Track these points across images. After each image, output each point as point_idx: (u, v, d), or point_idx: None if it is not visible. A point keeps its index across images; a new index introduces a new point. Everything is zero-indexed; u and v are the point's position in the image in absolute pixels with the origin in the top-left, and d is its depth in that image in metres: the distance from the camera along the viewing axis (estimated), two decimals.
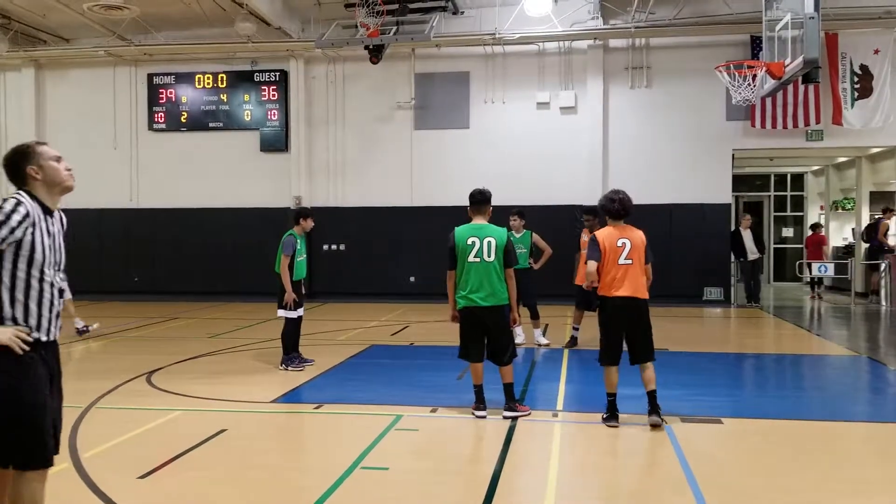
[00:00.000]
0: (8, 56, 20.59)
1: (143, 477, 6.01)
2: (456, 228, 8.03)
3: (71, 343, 12.57)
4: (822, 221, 24.41)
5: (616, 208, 7.64)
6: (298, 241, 10.54)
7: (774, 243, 25.99)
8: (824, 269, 20.80)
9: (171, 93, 21.24)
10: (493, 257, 7.82)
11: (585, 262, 7.66)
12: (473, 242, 7.84)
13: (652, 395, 7.50)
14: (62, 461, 6.25)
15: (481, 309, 7.83)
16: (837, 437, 7.45)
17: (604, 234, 7.62)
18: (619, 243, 7.49)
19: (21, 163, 4.30)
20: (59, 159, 4.40)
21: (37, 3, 18.29)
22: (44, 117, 21.80)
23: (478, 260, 7.82)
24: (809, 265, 21.04)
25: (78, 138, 21.39)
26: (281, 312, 10.53)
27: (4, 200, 4.13)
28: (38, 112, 21.71)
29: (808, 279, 22.18)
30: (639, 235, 7.62)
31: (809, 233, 22.65)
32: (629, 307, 7.48)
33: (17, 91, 21.81)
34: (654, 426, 7.35)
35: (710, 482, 5.86)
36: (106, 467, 6.25)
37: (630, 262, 7.48)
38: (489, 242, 7.83)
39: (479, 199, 8.11)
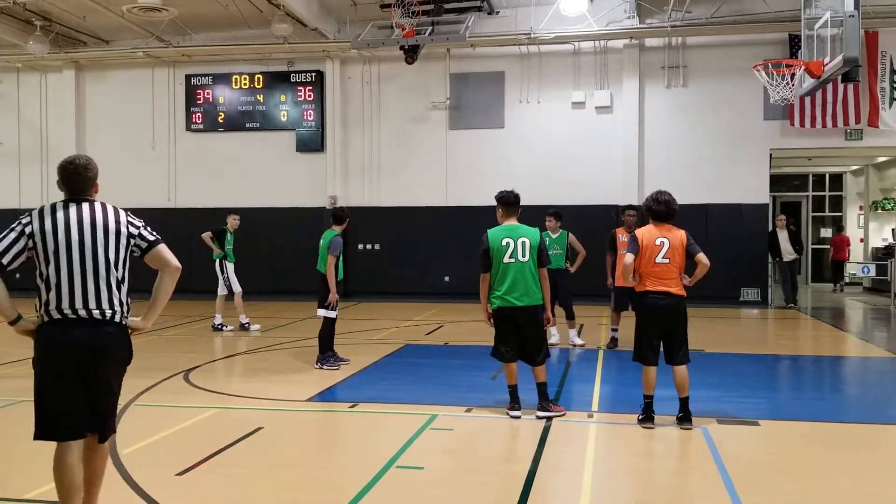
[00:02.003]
0: (49, 57, 20.91)
1: (180, 474, 6.07)
2: (489, 230, 8.03)
3: None
4: (862, 222, 24.20)
5: (661, 210, 7.59)
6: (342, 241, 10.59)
7: (812, 244, 25.67)
8: (866, 271, 20.62)
9: (208, 93, 21.44)
10: (527, 257, 7.81)
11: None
12: (508, 243, 7.84)
13: (684, 402, 7.46)
14: None
15: (516, 309, 7.83)
16: (876, 441, 7.35)
17: (643, 231, 7.58)
18: (658, 242, 7.44)
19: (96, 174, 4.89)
20: None
21: (77, 5, 18.54)
22: (83, 118, 22.11)
23: (513, 261, 7.82)
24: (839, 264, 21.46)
25: (117, 139, 21.72)
26: (321, 312, 10.56)
27: (119, 210, 4.80)
28: (77, 113, 22.02)
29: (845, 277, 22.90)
30: (678, 235, 7.55)
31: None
32: (666, 305, 7.43)
33: (58, 92, 22.14)
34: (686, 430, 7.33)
35: (747, 485, 5.81)
36: (144, 464, 6.32)
37: (667, 261, 7.43)
38: (523, 243, 7.83)
39: (514, 200, 8.10)
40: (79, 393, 4.56)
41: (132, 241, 4.71)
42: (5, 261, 4.49)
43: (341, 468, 6.48)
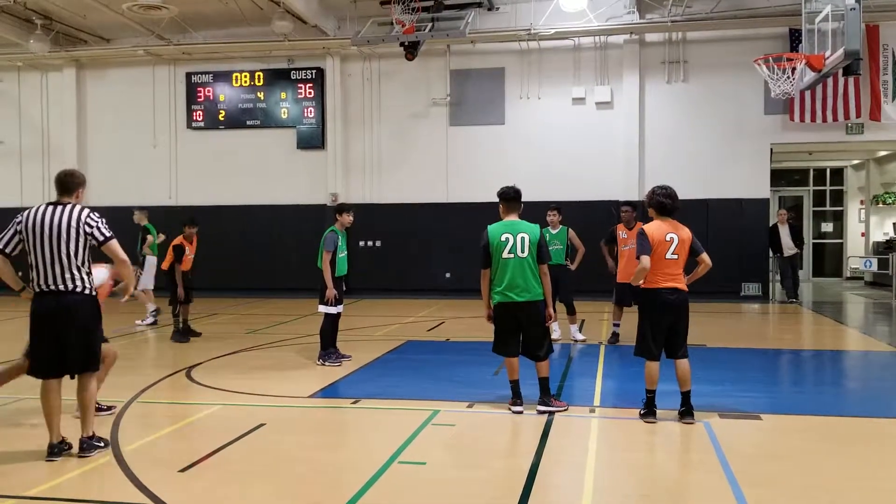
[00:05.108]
0: (50, 56, 20.94)
1: (183, 470, 6.08)
2: (489, 226, 8.01)
3: (113, 339, 12.72)
4: (863, 217, 24.15)
5: (672, 204, 7.58)
6: (339, 237, 10.57)
7: (813, 238, 25.63)
8: (868, 265, 20.63)
9: (209, 91, 21.46)
10: (526, 253, 7.79)
11: (637, 258, 7.57)
12: (507, 239, 7.82)
13: (686, 397, 7.46)
14: (104, 455, 6.39)
15: (517, 304, 7.82)
16: (880, 434, 7.35)
17: (652, 227, 7.53)
18: (668, 238, 7.42)
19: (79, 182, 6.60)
20: None
21: (77, 3, 18.56)
22: (84, 116, 22.13)
23: (512, 256, 7.80)
24: None
25: (118, 137, 21.76)
26: (321, 308, 10.58)
27: (82, 212, 6.33)
28: (79, 111, 22.05)
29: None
30: (686, 232, 7.54)
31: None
32: (675, 301, 7.41)
33: (59, 91, 22.17)
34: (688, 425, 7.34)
35: (749, 478, 5.81)
36: (147, 461, 6.34)
37: (676, 257, 7.41)
38: (523, 238, 7.81)
39: (514, 196, 8.08)
40: (53, 345, 6.28)
41: (88, 236, 6.31)
42: (8, 249, 6.33)
43: (343, 464, 6.49)
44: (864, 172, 24.85)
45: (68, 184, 6.46)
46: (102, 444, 6.51)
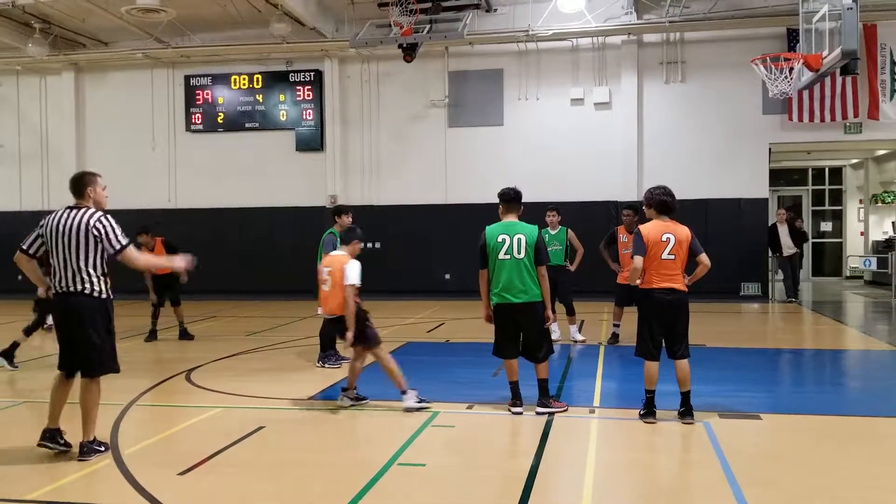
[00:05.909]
0: (48, 60, 20.94)
1: (182, 473, 6.07)
2: (486, 227, 8.01)
3: None
4: (862, 216, 24.12)
5: (671, 202, 7.57)
6: (338, 239, 10.56)
7: (812, 238, 25.60)
8: (868, 264, 20.64)
9: (207, 94, 21.47)
10: (523, 254, 7.76)
11: (631, 258, 7.58)
12: (504, 240, 7.80)
13: (686, 397, 7.46)
14: (104, 458, 6.38)
15: (514, 306, 7.80)
16: (878, 433, 7.34)
17: (648, 227, 7.52)
18: (664, 238, 7.40)
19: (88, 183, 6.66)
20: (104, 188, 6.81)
21: (76, 7, 18.54)
22: (83, 120, 22.14)
23: (508, 257, 7.77)
24: None
25: (117, 140, 21.77)
26: (321, 310, 10.56)
27: (92, 217, 6.39)
28: (77, 114, 22.06)
29: None
30: (684, 231, 7.51)
31: None
32: (672, 301, 7.40)
33: (58, 94, 22.18)
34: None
35: (750, 479, 5.80)
36: (147, 464, 6.33)
37: (673, 257, 7.39)
38: (519, 239, 7.79)
39: (513, 197, 8.06)
40: (64, 344, 6.52)
41: (98, 241, 6.37)
42: (31, 251, 6.61)
43: (343, 466, 6.48)
44: (863, 171, 24.86)
45: (77, 185, 6.63)
46: (103, 449, 6.51)
